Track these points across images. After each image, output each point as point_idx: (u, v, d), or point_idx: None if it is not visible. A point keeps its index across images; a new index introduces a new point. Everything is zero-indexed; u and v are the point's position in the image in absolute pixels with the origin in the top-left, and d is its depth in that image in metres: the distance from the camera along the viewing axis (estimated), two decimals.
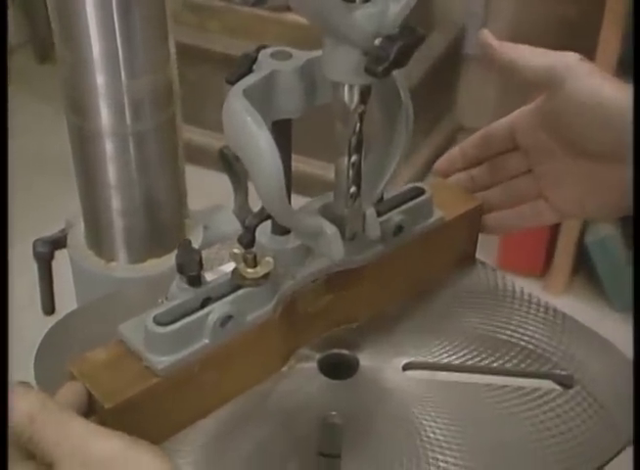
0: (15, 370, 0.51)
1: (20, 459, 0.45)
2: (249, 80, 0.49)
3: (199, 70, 1.75)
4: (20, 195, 1.24)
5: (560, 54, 0.58)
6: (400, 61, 0.46)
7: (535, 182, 0.63)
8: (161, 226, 0.72)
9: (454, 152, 0.66)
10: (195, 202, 0.79)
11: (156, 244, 0.72)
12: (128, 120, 0.66)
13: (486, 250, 0.68)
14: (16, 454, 0.45)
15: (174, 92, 0.68)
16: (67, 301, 0.75)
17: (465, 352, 0.60)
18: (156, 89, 0.66)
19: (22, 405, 0.45)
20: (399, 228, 0.60)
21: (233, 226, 0.78)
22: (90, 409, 0.52)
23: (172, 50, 0.67)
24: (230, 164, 0.80)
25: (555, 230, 1.66)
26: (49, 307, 0.79)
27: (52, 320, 0.63)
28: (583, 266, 1.69)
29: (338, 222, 0.55)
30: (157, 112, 0.67)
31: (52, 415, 0.45)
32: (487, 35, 0.59)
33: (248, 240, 0.56)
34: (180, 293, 0.53)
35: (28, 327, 0.77)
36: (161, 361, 0.51)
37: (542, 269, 1.72)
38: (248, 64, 0.51)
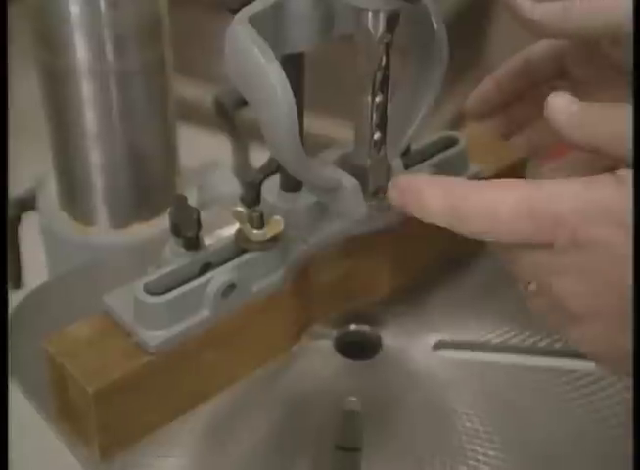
0: None
1: None
2: (255, 6, 0.49)
3: (187, 13, 1.74)
4: None
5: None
6: None
7: None
8: (149, 184, 0.72)
9: (487, 86, 0.63)
10: (184, 164, 0.79)
11: (142, 205, 0.73)
12: (109, 57, 0.66)
13: None
14: None
15: (164, 27, 0.68)
16: (36, 272, 0.75)
17: (506, 328, 0.61)
18: (142, 22, 0.66)
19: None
20: None
21: (231, 186, 0.78)
22: (66, 394, 0.52)
23: None
24: (227, 113, 0.80)
25: None
26: (16, 280, 0.79)
27: (20, 296, 0.64)
28: None
29: (358, 175, 0.55)
30: (143, 48, 0.67)
31: None
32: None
33: (252, 197, 0.56)
34: (175, 258, 0.54)
35: None
36: (154, 337, 0.52)
37: None
38: None
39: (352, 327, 0.61)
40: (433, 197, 0.45)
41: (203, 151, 1.00)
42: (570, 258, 0.42)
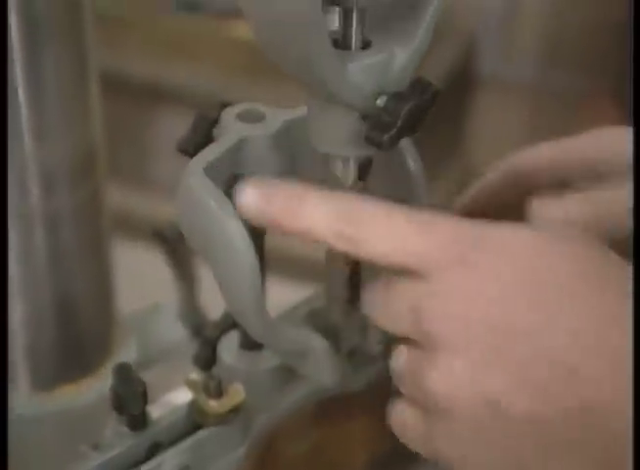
0: None
1: None
2: (211, 153, 0.52)
3: (112, 105, 1.77)
4: None
5: None
6: (411, 126, 0.50)
7: None
8: (80, 339, 0.74)
9: (471, 198, 0.64)
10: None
11: (71, 364, 0.74)
12: (35, 199, 0.68)
13: None
14: None
15: (99, 161, 0.71)
16: None
17: None
18: (74, 157, 0.69)
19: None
20: None
21: (178, 334, 0.80)
22: None
23: (96, 98, 0.70)
24: (171, 245, 0.82)
25: None
26: None
27: None
28: None
29: (330, 334, 0.58)
30: (75, 187, 0.69)
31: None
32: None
33: (207, 357, 0.58)
34: (117, 439, 0.55)
35: None
36: None
37: None
38: (206, 128, 0.55)
39: None
40: (319, 206, 0.48)
41: (134, 269, 1.01)
42: (447, 279, 0.46)
